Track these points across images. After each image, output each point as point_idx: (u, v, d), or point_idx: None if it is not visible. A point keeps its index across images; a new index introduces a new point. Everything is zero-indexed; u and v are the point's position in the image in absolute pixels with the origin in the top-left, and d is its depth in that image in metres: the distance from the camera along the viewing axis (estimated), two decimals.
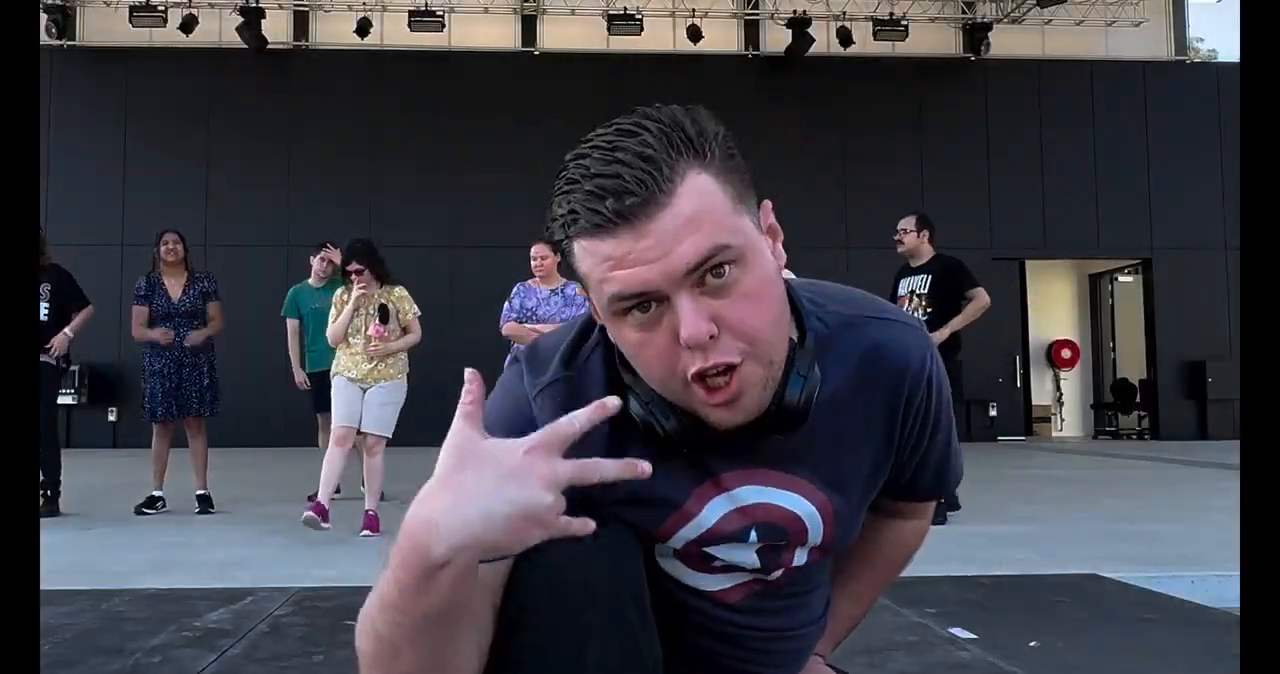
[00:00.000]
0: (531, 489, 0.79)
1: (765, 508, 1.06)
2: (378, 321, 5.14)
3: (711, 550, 1.07)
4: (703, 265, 0.88)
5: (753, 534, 1.07)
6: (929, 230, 5.85)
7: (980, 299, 5.59)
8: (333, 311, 5.31)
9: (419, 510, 0.81)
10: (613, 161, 0.87)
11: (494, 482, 0.79)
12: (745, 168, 0.94)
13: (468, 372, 0.85)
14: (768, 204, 0.98)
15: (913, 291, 5.72)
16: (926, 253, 5.83)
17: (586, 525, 0.83)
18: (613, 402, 0.84)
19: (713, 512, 1.05)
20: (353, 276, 5.18)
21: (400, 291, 5.30)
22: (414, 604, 0.83)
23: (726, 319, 0.90)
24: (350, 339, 5.20)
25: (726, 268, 0.89)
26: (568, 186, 0.89)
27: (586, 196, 0.87)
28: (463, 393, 0.84)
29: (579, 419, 0.83)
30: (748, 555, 1.09)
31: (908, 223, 5.86)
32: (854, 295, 1.13)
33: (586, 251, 0.90)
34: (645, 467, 0.84)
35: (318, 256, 7.04)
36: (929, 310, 5.58)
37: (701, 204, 0.88)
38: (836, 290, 1.13)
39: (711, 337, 0.89)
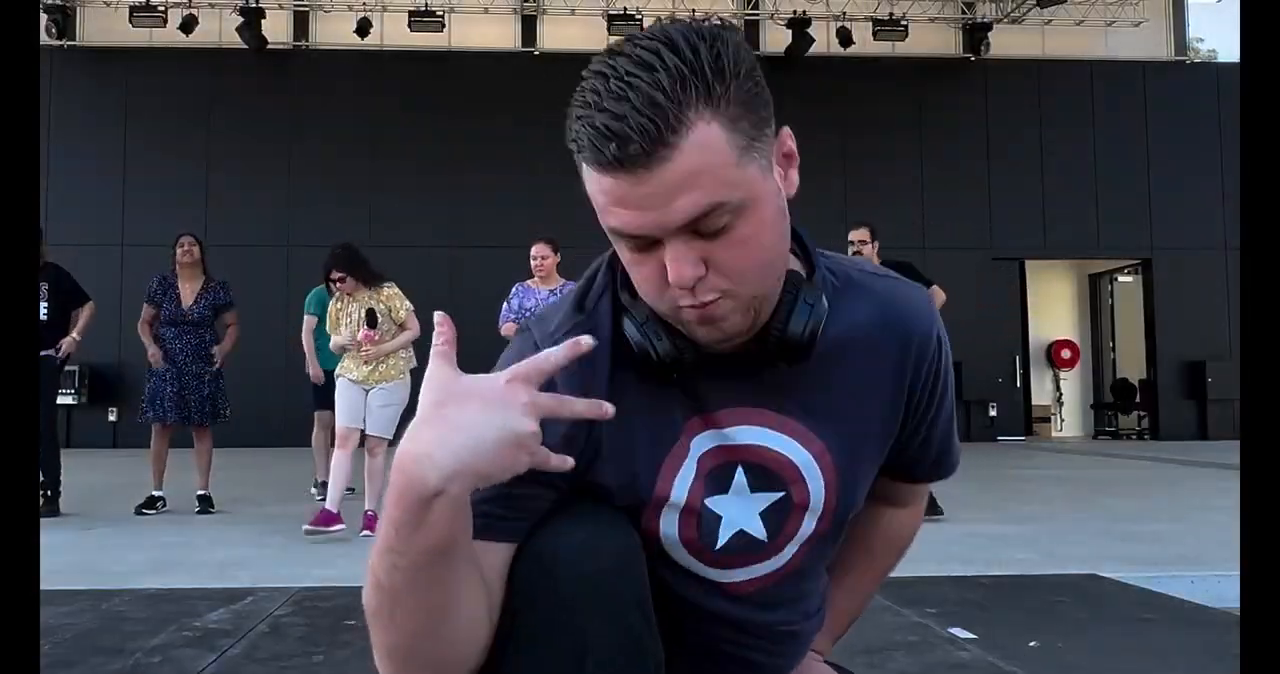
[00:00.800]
0: (515, 416, 0.82)
1: (755, 450, 1.06)
2: (365, 327, 5.11)
3: (711, 504, 1.05)
4: (696, 220, 0.89)
5: (740, 474, 1.06)
6: (878, 240, 6.00)
7: (938, 296, 5.73)
8: (329, 322, 5.29)
9: (408, 447, 0.83)
10: (623, 98, 0.86)
11: (479, 411, 0.82)
12: (766, 100, 0.93)
13: (437, 314, 0.88)
14: (786, 131, 0.98)
15: None
16: (877, 261, 5.98)
17: (565, 462, 0.86)
18: (586, 340, 0.87)
19: (697, 446, 1.04)
20: (337, 285, 5.14)
21: (389, 291, 5.20)
22: (410, 542, 0.84)
23: (715, 260, 0.91)
24: (349, 347, 5.20)
25: (723, 219, 0.90)
26: (580, 111, 0.89)
27: (593, 133, 0.87)
28: (434, 335, 0.86)
29: (556, 355, 0.86)
30: (750, 517, 1.07)
31: (863, 234, 5.95)
32: (863, 260, 1.17)
33: (590, 178, 0.91)
34: (609, 408, 0.87)
35: None
36: None
37: (703, 159, 0.87)
38: (847, 257, 1.16)
39: (699, 278, 0.91)
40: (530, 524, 0.97)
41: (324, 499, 6.60)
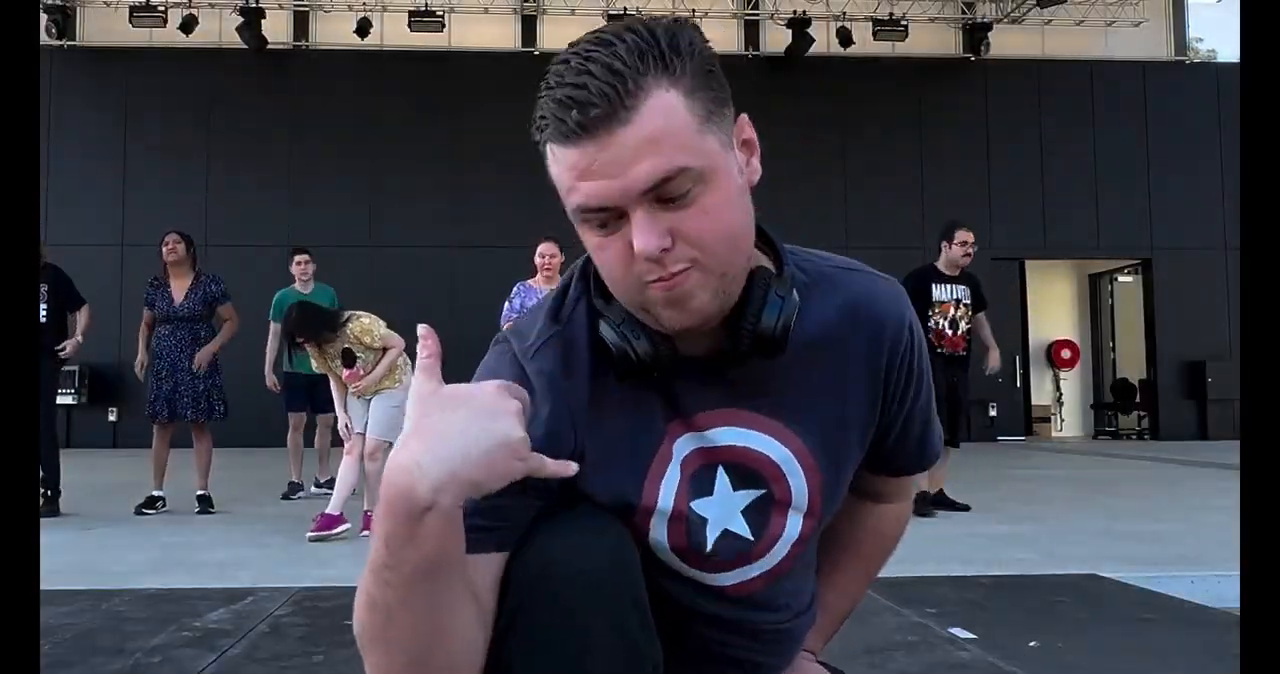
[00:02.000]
0: (503, 422, 0.82)
1: (735, 450, 1.06)
2: (345, 369, 5.12)
3: (696, 506, 1.05)
4: (659, 185, 0.90)
5: (721, 475, 1.06)
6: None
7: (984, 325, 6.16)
8: (326, 373, 5.31)
9: (398, 459, 0.82)
10: (583, 72, 0.89)
11: (466, 419, 0.81)
12: (723, 84, 0.96)
13: (421, 328, 0.89)
14: (744, 118, 1.00)
15: (959, 301, 5.97)
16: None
17: (566, 467, 0.86)
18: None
19: (679, 450, 1.05)
20: (306, 344, 5.13)
21: (355, 327, 5.07)
22: (402, 557, 0.83)
23: (681, 231, 0.92)
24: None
25: (686, 186, 0.91)
26: (545, 92, 0.92)
27: (556, 105, 0.90)
28: (419, 348, 0.87)
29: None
30: (733, 516, 1.07)
31: (972, 235, 6.06)
32: (831, 255, 1.16)
33: (555, 157, 0.93)
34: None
35: (294, 263, 7.37)
36: (968, 321, 5.97)
37: (664, 124, 0.89)
38: (815, 251, 1.15)
39: (665, 250, 0.91)
40: (519, 533, 0.97)
41: (287, 497, 6.77)
